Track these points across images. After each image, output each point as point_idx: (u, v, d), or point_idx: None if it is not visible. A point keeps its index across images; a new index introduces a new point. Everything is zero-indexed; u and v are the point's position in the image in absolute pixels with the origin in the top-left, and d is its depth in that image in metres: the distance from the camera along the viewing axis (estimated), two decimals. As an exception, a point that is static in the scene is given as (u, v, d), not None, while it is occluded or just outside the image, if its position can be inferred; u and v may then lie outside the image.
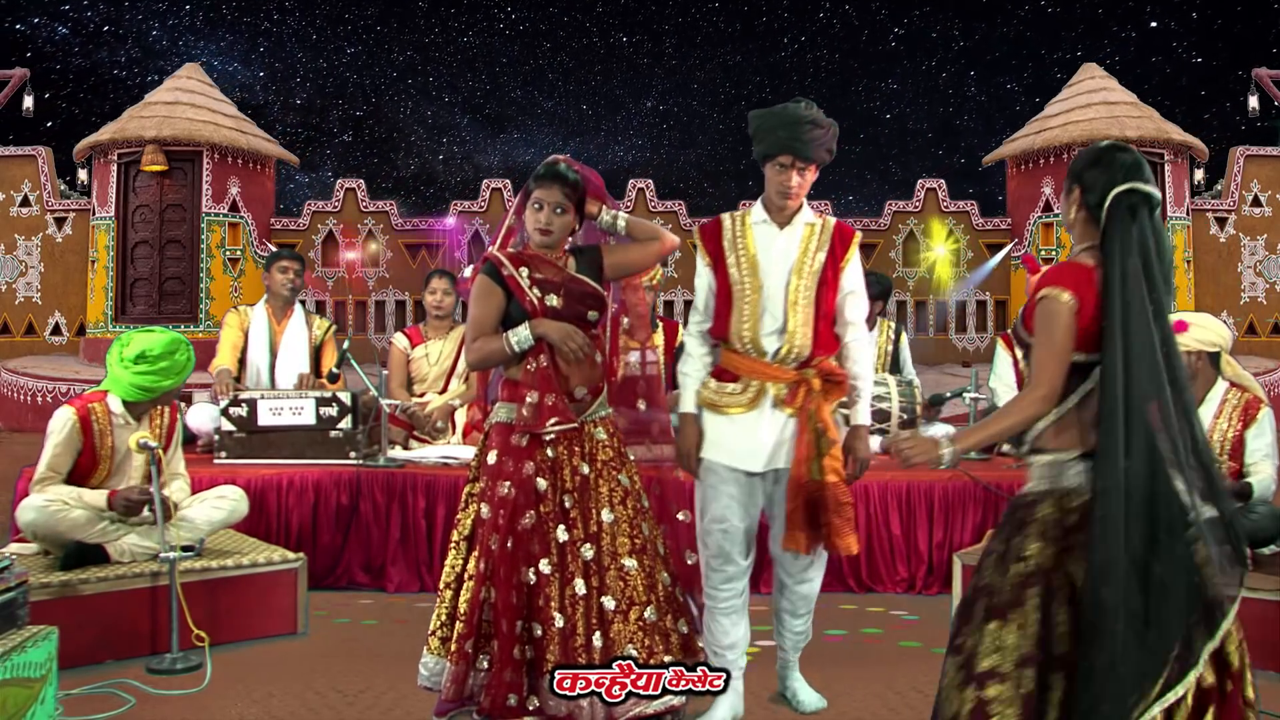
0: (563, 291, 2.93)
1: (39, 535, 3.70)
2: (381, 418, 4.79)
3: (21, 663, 2.61)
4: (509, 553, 2.81)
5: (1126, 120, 11.24)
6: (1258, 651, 3.46)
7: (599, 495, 2.92)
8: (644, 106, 26.35)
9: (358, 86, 25.54)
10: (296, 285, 5.47)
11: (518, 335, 2.90)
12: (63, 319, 12.38)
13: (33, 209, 12.43)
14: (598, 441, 2.97)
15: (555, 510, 2.88)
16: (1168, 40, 23.63)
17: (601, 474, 2.94)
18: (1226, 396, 3.99)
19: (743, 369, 2.94)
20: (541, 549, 2.84)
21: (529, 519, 2.84)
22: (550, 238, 2.95)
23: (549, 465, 2.90)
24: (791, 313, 2.90)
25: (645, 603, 2.85)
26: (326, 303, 12.29)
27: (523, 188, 3.04)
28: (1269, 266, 12.43)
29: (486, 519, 2.87)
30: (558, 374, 2.90)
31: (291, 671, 3.49)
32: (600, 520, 2.89)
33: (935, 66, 25.41)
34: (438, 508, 4.58)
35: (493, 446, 2.95)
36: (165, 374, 3.83)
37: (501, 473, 2.88)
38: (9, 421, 10.47)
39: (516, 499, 2.84)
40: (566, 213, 2.97)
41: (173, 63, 23.92)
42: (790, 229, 2.98)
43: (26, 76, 12.79)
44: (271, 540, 4.32)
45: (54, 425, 3.76)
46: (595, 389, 2.99)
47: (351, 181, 12.69)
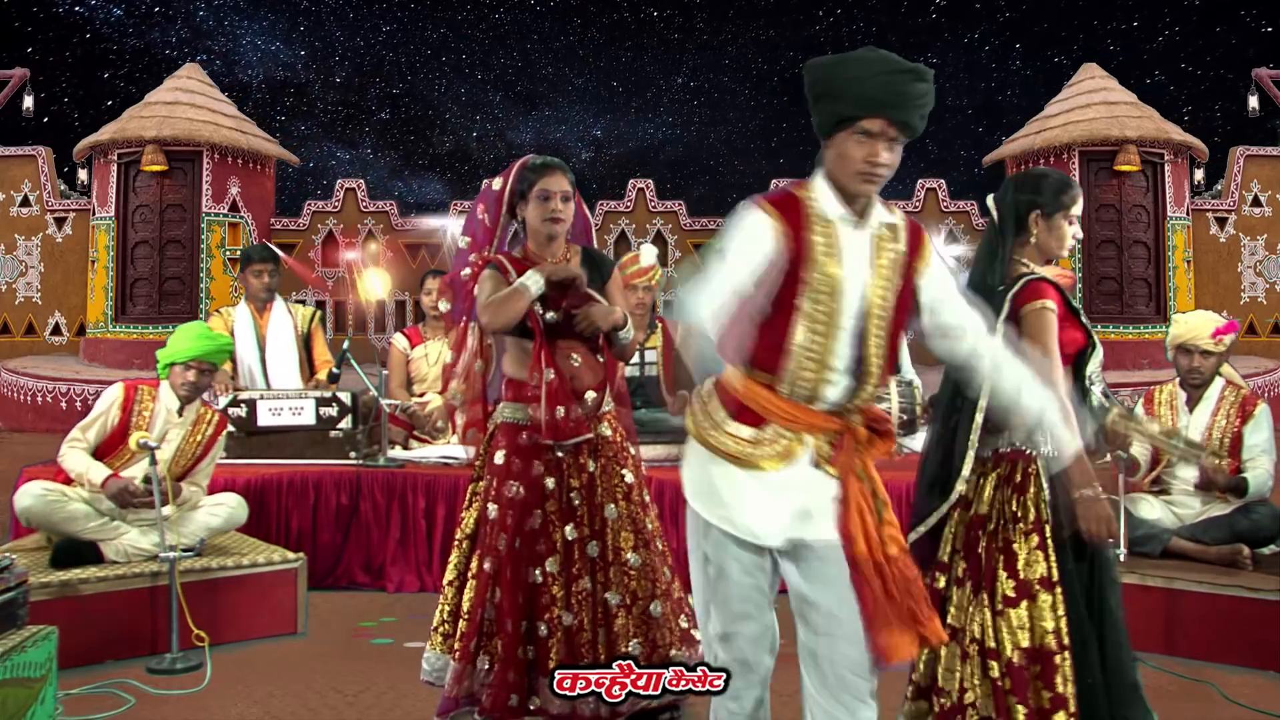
0: (563, 304, 2.86)
1: (34, 522, 3.73)
2: (381, 418, 4.79)
3: (21, 663, 2.61)
4: (516, 553, 2.80)
5: (1126, 120, 11.24)
6: (1258, 651, 3.48)
7: (603, 491, 2.90)
8: (674, 83, 25.80)
9: (394, 64, 25.57)
10: (272, 285, 5.47)
11: (529, 277, 2.78)
12: (63, 319, 12.38)
13: (33, 209, 12.43)
14: (603, 438, 2.94)
15: (562, 508, 2.86)
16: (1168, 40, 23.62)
17: (606, 469, 2.92)
18: (1224, 393, 4.01)
19: (777, 414, 2.08)
20: (547, 548, 2.82)
21: (536, 518, 2.83)
22: (563, 227, 2.88)
23: (556, 463, 2.88)
24: (868, 348, 2.09)
25: (649, 597, 2.86)
26: (326, 303, 12.29)
27: (505, 189, 2.94)
28: (1269, 266, 12.43)
29: (494, 519, 2.85)
30: (566, 383, 2.84)
31: (291, 671, 3.49)
32: (604, 516, 2.88)
33: (979, 39, 24.28)
34: (438, 508, 4.58)
35: (499, 446, 2.90)
36: (210, 340, 3.97)
37: (510, 472, 2.85)
38: (9, 421, 10.46)
39: (526, 499, 2.82)
40: (571, 201, 2.90)
41: (219, 42, 24.25)
42: (865, 227, 2.10)
43: (26, 76, 12.79)
44: (271, 540, 4.32)
45: (103, 395, 3.92)
46: (599, 386, 2.96)
47: (351, 182, 12.71)
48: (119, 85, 21.93)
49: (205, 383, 3.98)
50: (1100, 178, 11.30)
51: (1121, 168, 11.10)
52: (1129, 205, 11.32)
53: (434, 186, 24.84)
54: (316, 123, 25.02)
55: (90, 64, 22.69)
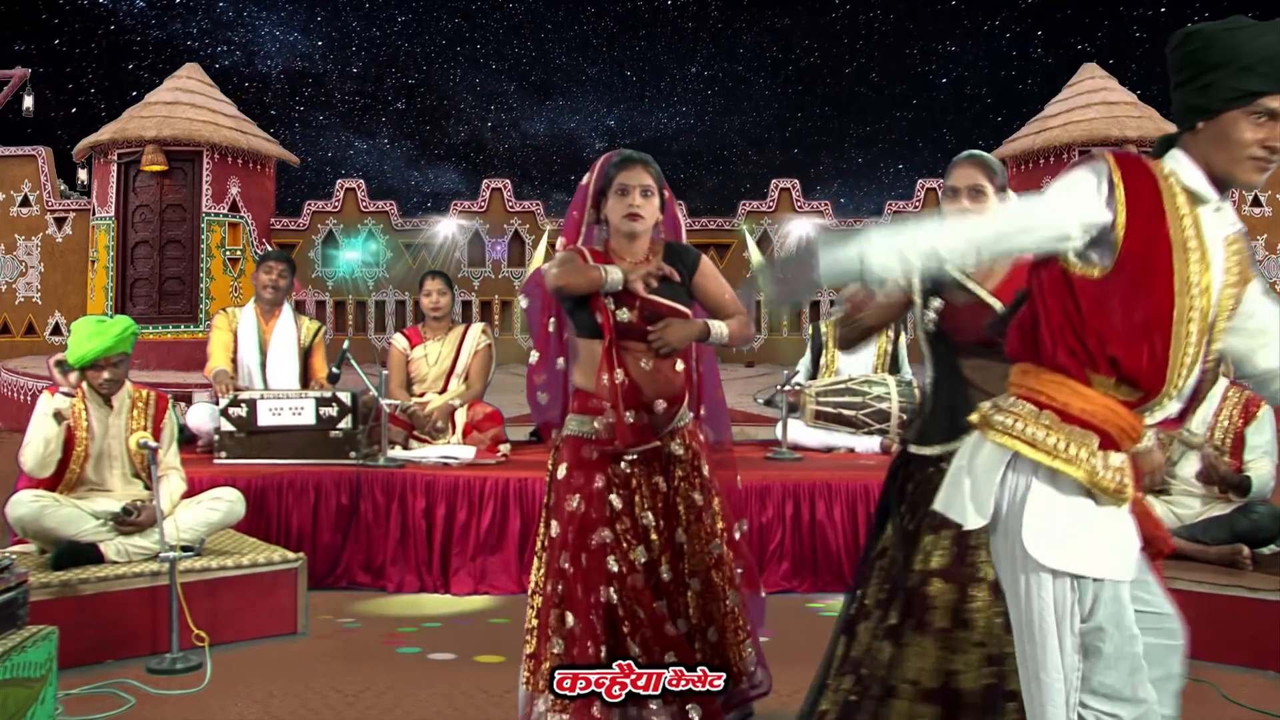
0: (638, 304, 2.67)
1: (28, 531, 3.71)
2: (381, 418, 4.79)
3: (21, 663, 2.61)
4: (583, 571, 2.61)
5: (1126, 120, 11.23)
6: (1258, 651, 3.47)
7: (674, 513, 2.73)
8: (688, 72, 25.95)
9: (409, 55, 25.81)
10: (280, 286, 5.44)
11: (612, 269, 2.63)
12: (63, 319, 12.38)
13: (33, 209, 12.43)
14: (674, 456, 2.75)
15: (633, 527, 2.69)
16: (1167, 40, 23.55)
17: (677, 490, 2.74)
18: (1227, 394, 4.01)
19: (1127, 436, 1.76)
20: (627, 567, 2.63)
21: (604, 535, 2.64)
22: (642, 223, 2.70)
23: (622, 480, 2.69)
24: (1207, 352, 1.80)
25: (711, 624, 2.74)
26: (326, 303, 12.29)
27: (589, 184, 2.80)
28: (1269, 266, 12.42)
29: (555, 536, 2.69)
30: (635, 387, 2.66)
31: (291, 671, 3.49)
32: (675, 540, 2.72)
33: (998, 26, 23.86)
34: (438, 508, 4.58)
35: (563, 460, 2.74)
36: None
37: (571, 486, 2.68)
38: (9, 421, 10.46)
39: (586, 514, 2.64)
40: (653, 196, 2.72)
41: (239, 33, 24.28)
42: (1224, 220, 1.82)
43: (26, 76, 12.78)
44: (271, 540, 4.32)
45: (37, 409, 3.74)
46: (675, 398, 2.74)
47: (351, 182, 12.71)
48: (144, 76, 22.00)
49: (121, 373, 3.85)
50: (1100, 178, 11.30)
51: (1121, 168, 11.09)
52: (1129, 205, 11.32)
53: (450, 176, 24.94)
54: (334, 112, 25.10)
55: (115, 54, 22.72)
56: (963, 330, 2.46)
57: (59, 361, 3.79)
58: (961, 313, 2.48)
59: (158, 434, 3.97)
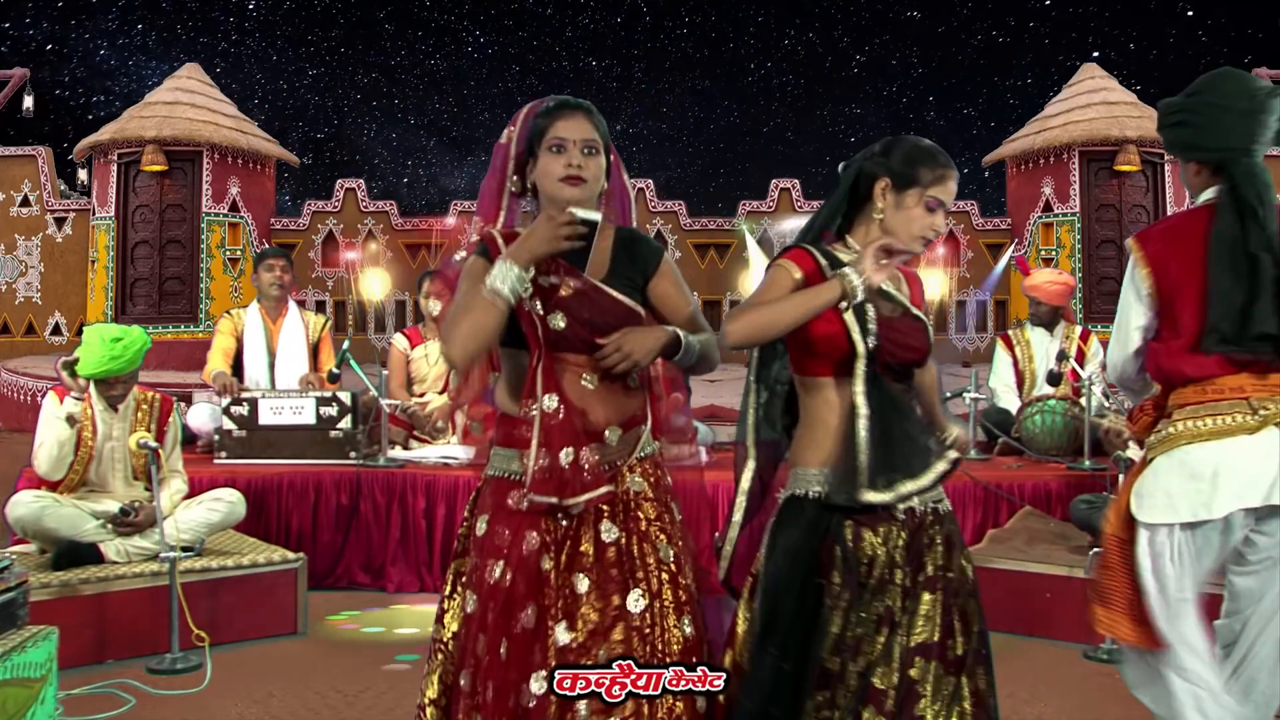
0: (576, 304, 1.96)
1: (28, 532, 3.72)
2: (381, 418, 4.79)
3: (21, 663, 2.61)
4: (501, 664, 1.92)
5: (1126, 120, 11.23)
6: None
7: (625, 572, 1.97)
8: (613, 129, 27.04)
9: (319, 109, 25.87)
10: (284, 282, 5.43)
11: (497, 272, 1.88)
12: (63, 319, 12.38)
13: (33, 209, 12.43)
14: (632, 495, 2.01)
15: (561, 597, 1.95)
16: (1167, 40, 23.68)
17: (633, 541, 1.99)
18: None
19: None
20: (542, 656, 1.94)
21: (530, 616, 1.93)
22: (585, 188, 2.00)
23: (557, 537, 1.97)
24: None
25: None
26: (326, 303, 12.29)
27: (509, 141, 2.08)
28: None
29: (472, 613, 1.99)
30: (572, 416, 1.94)
31: (291, 671, 3.50)
32: (625, 609, 1.97)
33: (896, 92, 26.88)
34: (438, 508, 4.58)
35: (483, 510, 2.04)
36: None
37: (493, 548, 1.98)
38: (9, 421, 10.46)
39: (513, 587, 1.94)
40: (598, 154, 2.04)
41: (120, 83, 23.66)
42: None
43: (26, 76, 12.78)
44: (271, 540, 4.32)
45: (43, 409, 3.82)
46: (630, 422, 2.03)
47: (351, 182, 12.72)
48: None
49: (131, 385, 3.90)
50: (1100, 178, 11.31)
51: (1121, 168, 11.10)
52: (1129, 205, 11.32)
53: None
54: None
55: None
56: (900, 347, 1.97)
57: (68, 365, 3.79)
58: (899, 324, 2.00)
59: (161, 436, 3.98)
